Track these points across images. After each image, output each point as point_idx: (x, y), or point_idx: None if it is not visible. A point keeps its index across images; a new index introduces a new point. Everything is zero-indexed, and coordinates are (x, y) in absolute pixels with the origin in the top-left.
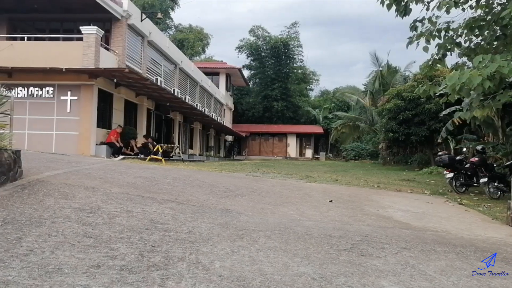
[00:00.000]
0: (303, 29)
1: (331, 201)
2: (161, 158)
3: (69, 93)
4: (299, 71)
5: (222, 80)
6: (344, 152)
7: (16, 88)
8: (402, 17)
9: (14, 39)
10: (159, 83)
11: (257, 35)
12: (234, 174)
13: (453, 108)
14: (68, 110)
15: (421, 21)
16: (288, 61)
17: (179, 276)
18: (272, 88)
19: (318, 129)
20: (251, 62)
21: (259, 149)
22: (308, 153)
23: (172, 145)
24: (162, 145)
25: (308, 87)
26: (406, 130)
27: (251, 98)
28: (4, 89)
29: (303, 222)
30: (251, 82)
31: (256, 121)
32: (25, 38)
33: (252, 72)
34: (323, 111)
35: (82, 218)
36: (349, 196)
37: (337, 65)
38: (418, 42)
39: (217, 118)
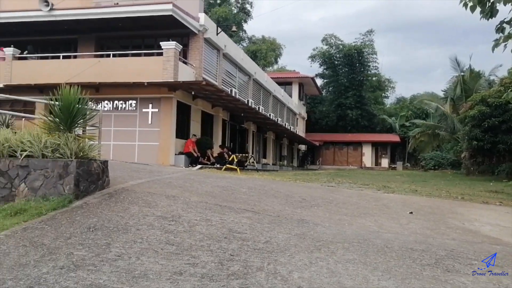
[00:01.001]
0: (377, 35)
1: (411, 212)
2: (236, 167)
3: (150, 105)
4: (374, 78)
5: (295, 89)
6: (423, 161)
7: (102, 102)
8: (488, 19)
9: (101, 56)
10: (234, 94)
11: (330, 44)
12: (309, 184)
13: None
14: (149, 122)
15: (509, 22)
16: (362, 69)
17: (258, 286)
18: (346, 96)
19: (394, 138)
20: (324, 70)
21: (333, 158)
22: (384, 162)
23: (247, 154)
24: (237, 154)
25: (383, 94)
26: (492, 138)
27: (324, 107)
28: (92, 103)
29: (382, 234)
30: (324, 90)
31: (330, 130)
32: (111, 55)
33: (325, 80)
34: (400, 119)
35: (165, 225)
36: (430, 208)
37: (413, 71)
38: (505, 45)
39: (290, 127)
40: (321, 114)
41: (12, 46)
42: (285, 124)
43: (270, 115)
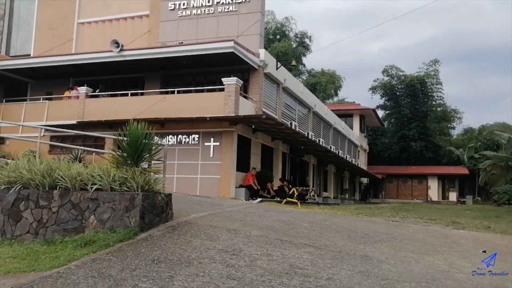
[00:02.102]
0: (441, 64)
1: (484, 251)
2: (296, 201)
3: (212, 139)
4: (439, 109)
5: (356, 121)
6: (495, 195)
7: (167, 136)
8: None
9: (166, 93)
10: (293, 127)
11: (391, 75)
12: (372, 219)
13: None
14: (211, 155)
15: None
16: (426, 99)
17: None
18: (409, 128)
19: (462, 170)
20: (386, 102)
21: (396, 191)
22: (452, 196)
23: (307, 188)
24: (298, 188)
25: (449, 125)
26: None
27: (386, 139)
28: (158, 138)
29: (453, 275)
30: (386, 122)
31: (393, 163)
32: (175, 91)
33: (386, 112)
34: (468, 151)
35: (226, 259)
36: (506, 246)
37: (482, 101)
38: None
39: (352, 160)
40: (383, 146)
41: (85, 85)
42: (346, 156)
43: (330, 147)
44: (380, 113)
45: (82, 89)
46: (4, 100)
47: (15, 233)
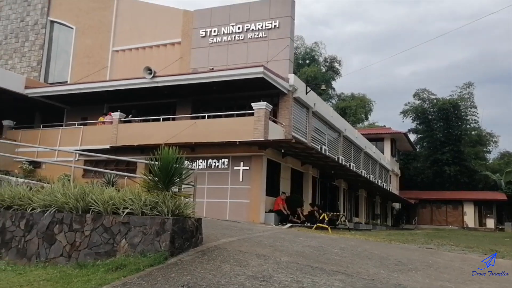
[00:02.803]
0: (475, 87)
1: None
2: (327, 226)
3: (241, 163)
4: (473, 132)
5: (387, 145)
6: None
7: (197, 161)
8: None
9: (197, 117)
10: (323, 152)
11: (423, 98)
12: (405, 245)
13: None
14: (241, 180)
15: None
16: (460, 123)
17: None
18: (442, 152)
19: (500, 196)
20: (417, 126)
21: (430, 217)
22: (490, 223)
23: (338, 213)
24: (328, 213)
25: (484, 149)
26: None
27: (419, 163)
28: (188, 163)
29: None
30: (418, 146)
31: (426, 187)
32: (206, 116)
33: (418, 136)
34: (506, 176)
35: (256, 286)
36: None
37: None
38: None
39: (383, 184)
40: (415, 170)
41: (118, 110)
42: (377, 181)
43: (361, 172)
44: (412, 137)
45: (116, 115)
46: (41, 126)
47: (49, 256)
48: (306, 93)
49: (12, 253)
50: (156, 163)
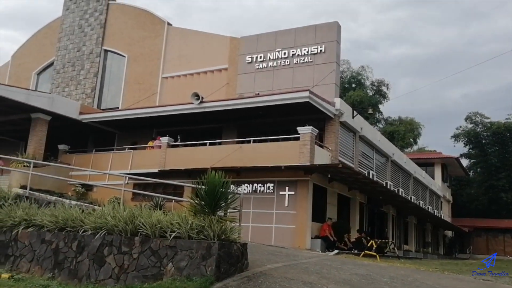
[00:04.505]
0: None
1: None
2: (375, 254)
3: (287, 188)
4: None
5: (438, 170)
6: None
7: (243, 185)
8: None
9: (242, 142)
10: (371, 177)
11: (475, 122)
12: (459, 276)
13: None
14: (286, 205)
15: None
16: None
17: None
18: (498, 178)
19: None
20: (470, 150)
21: (486, 246)
22: None
23: (386, 240)
24: (376, 240)
25: None
26: None
27: (472, 189)
28: (234, 187)
29: None
30: (471, 171)
31: (480, 215)
32: (251, 141)
33: (471, 161)
34: None
35: None
36: None
37: None
38: None
39: (434, 211)
40: (468, 197)
41: (167, 135)
42: (428, 207)
43: (410, 198)
44: (464, 162)
45: (164, 139)
46: (94, 150)
47: (98, 278)
48: (353, 117)
49: (64, 273)
50: (203, 187)
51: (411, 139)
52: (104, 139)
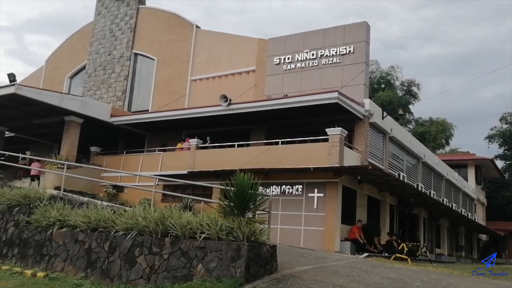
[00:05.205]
0: None
1: None
2: (406, 257)
3: (316, 190)
4: None
5: (471, 172)
6: None
7: (271, 187)
8: None
9: (271, 143)
10: (401, 178)
11: (510, 122)
12: (495, 282)
13: None
14: (315, 207)
15: None
16: None
17: None
18: None
19: None
20: (505, 151)
21: None
22: None
23: (418, 243)
24: (407, 243)
25: None
26: None
27: (508, 192)
28: (263, 188)
29: None
30: (506, 173)
31: None
32: (279, 142)
33: (507, 162)
34: None
35: None
36: None
37: None
38: None
39: (467, 214)
40: (504, 199)
41: (196, 137)
42: (461, 210)
43: (443, 200)
44: (499, 163)
45: (193, 141)
46: (124, 152)
47: (130, 278)
48: (383, 118)
49: (96, 273)
50: (232, 188)
51: (443, 140)
52: (134, 141)
